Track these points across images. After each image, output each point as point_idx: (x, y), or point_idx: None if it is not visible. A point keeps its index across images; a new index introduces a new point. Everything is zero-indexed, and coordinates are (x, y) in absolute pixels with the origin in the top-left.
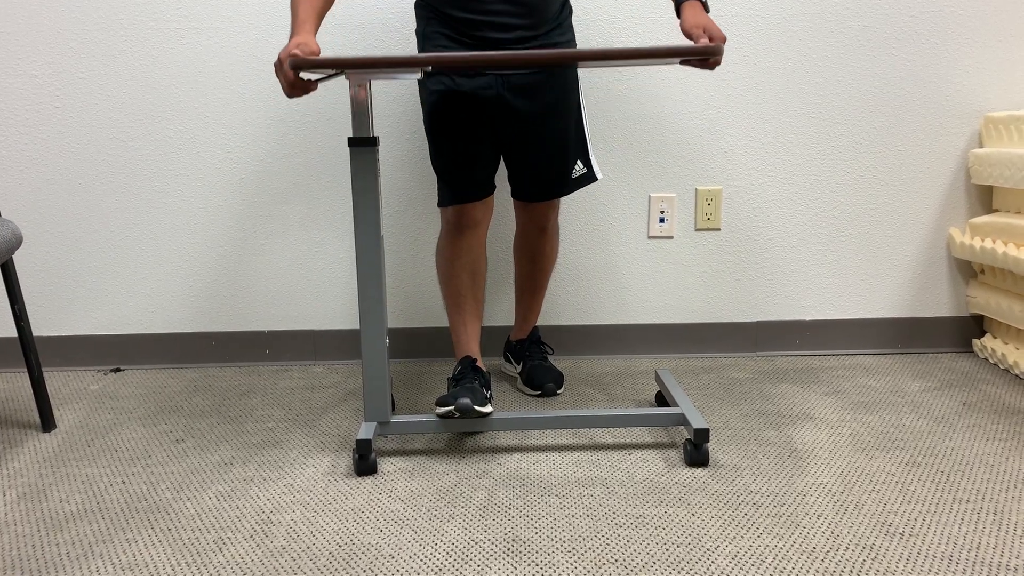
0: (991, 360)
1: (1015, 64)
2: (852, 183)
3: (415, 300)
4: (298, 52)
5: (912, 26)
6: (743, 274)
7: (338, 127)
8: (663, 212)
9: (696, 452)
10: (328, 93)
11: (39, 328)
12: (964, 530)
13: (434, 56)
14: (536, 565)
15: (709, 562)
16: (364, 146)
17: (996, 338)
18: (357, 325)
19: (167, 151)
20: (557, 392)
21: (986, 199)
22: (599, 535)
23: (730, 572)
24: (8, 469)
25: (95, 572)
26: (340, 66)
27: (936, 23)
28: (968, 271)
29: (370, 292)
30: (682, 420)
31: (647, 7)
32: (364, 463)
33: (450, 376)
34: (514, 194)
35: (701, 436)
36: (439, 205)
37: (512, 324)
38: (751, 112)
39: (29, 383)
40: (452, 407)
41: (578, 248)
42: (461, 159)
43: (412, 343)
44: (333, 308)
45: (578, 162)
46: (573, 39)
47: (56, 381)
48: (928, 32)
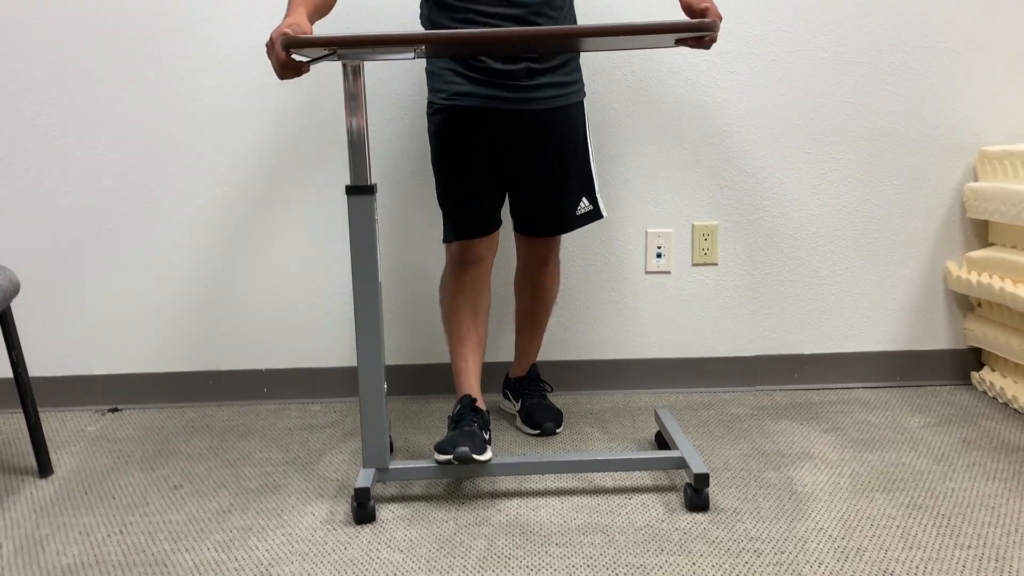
0: (990, 393)
1: (1008, 98)
2: (848, 217)
3: (414, 336)
4: (289, 31)
5: (905, 62)
6: (741, 308)
7: (337, 169)
8: (660, 247)
9: (696, 497)
10: (328, 134)
11: (37, 369)
12: None
13: (431, 33)
14: None
15: None
16: (362, 194)
17: (995, 371)
18: (355, 362)
19: (163, 192)
20: (556, 431)
21: (982, 232)
22: None
23: None
24: (5, 519)
25: None
26: (332, 44)
27: (929, 59)
28: (966, 303)
29: (368, 341)
30: (682, 464)
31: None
32: (363, 511)
33: (450, 415)
34: (517, 228)
35: (701, 481)
36: (444, 240)
37: (512, 360)
38: (746, 147)
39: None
40: (451, 456)
41: (576, 283)
42: (467, 195)
43: (411, 380)
44: (331, 345)
45: (583, 199)
46: (581, 80)
47: (54, 422)
48: (921, 67)
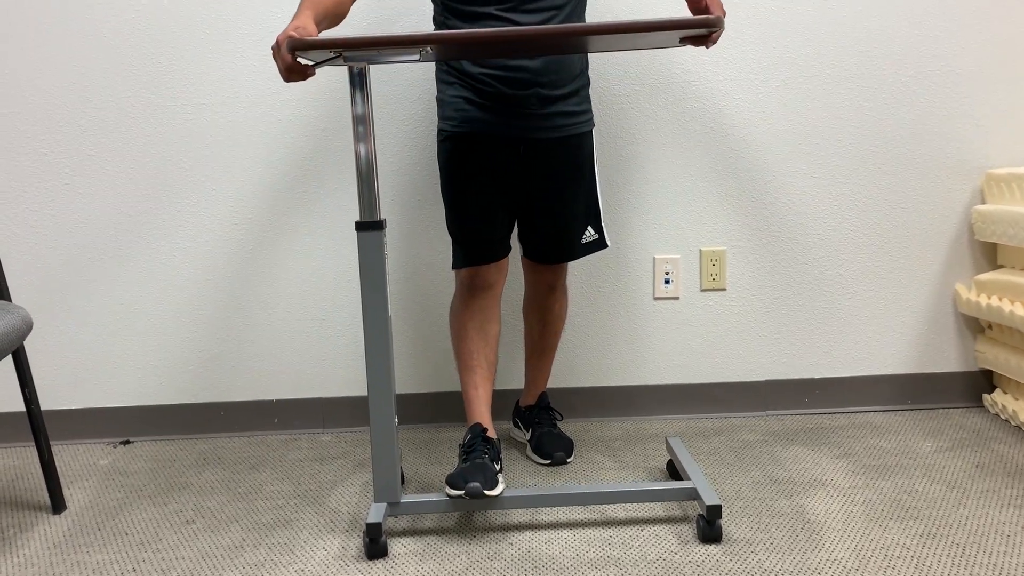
0: (1002, 416)
1: (1015, 121)
2: (856, 240)
3: (424, 363)
4: (295, 34)
5: (910, 86)
6: (750, 333)
7: (345, 197)
8: (668, 273)
9: (709, 529)
10: (336, 163)
11: (49, 402)
12: None
13: (437, 33)
14: None
15: None
16: (371, 230)
17: (1006, 393)
18: (365, 391)
19: (173, 225)
20: (567, 461)
21: (991, 254)
22: None
23: None
24: (19, 557)
25: None
26: (337, 46)
27: (934, 83)
28: (976, 326)
29: (379, 376)
30: (694, 495)
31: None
32: (375, 547)
33: (460, 443)
34: (525, 254)
35: (714, 512)
36: (453, 267)
37: (522, 387)
38: (753, 173)
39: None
40: (463, 491)
41: (585, 310)
42: (476, 221)
43: (421, 408)
44: (340, 375)
45: (589, 228)
46: (590, 110)
47: (66, 455)
48: (926, 91)
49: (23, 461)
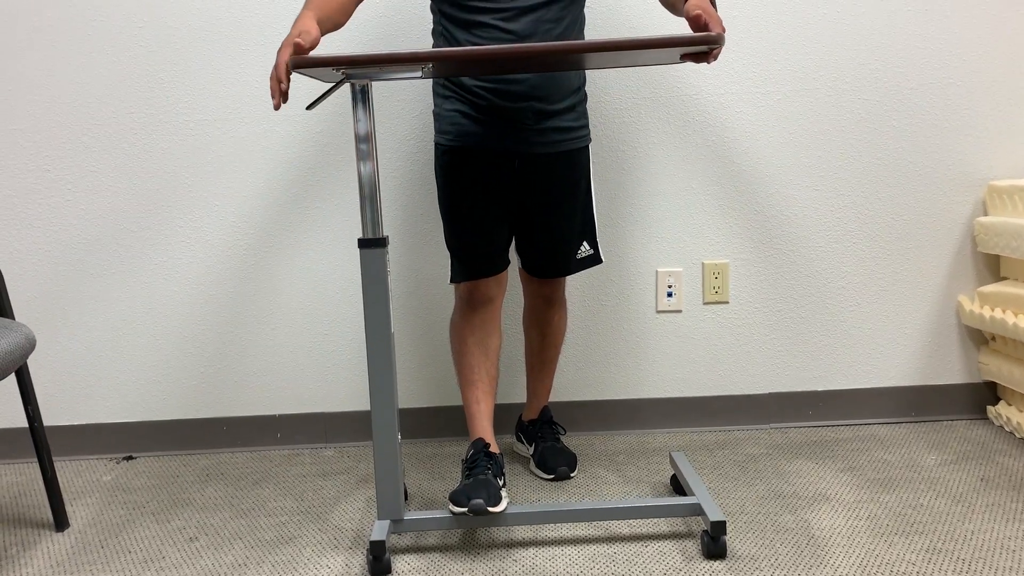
0: (1007, 428)
1: (1016, 132)
2: (858, 252)
3: (426, 379)
4: (300, 40)
5: (912, 98)
6: (753, 346)
7: (347, 213)
8: (671, 286)
9: (714, 545)
10: (338, 179)
11: (52, 418)
12: None
13: (439, 51)
14: None
15: None
16: (374, 247)
17: (1011, 405)
18: (367, 406)
19: (176, 240)
20: (570, 475)
21: (993, 266)
22: None
23: None
24: (23, 575)
25: None
26: (339, 64)
27: (936, 94)
28: (979, 337)
29: (382, 394)
30: (698, 511)
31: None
32: (378, 564)
33: (463, 458)
34: (523, 266)
35: (718, 529)
36: (452, 281)
37: (524, 402)
38: (755, 185)
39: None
40: (466, 508)
41: (587, 324)
42: (473, 235)
43: (424, 423)
44: (342, 389)
45: (584, 243)
46: (587, 126)
47: (69, 472)
48: (928, 103)
49: (26, 478)
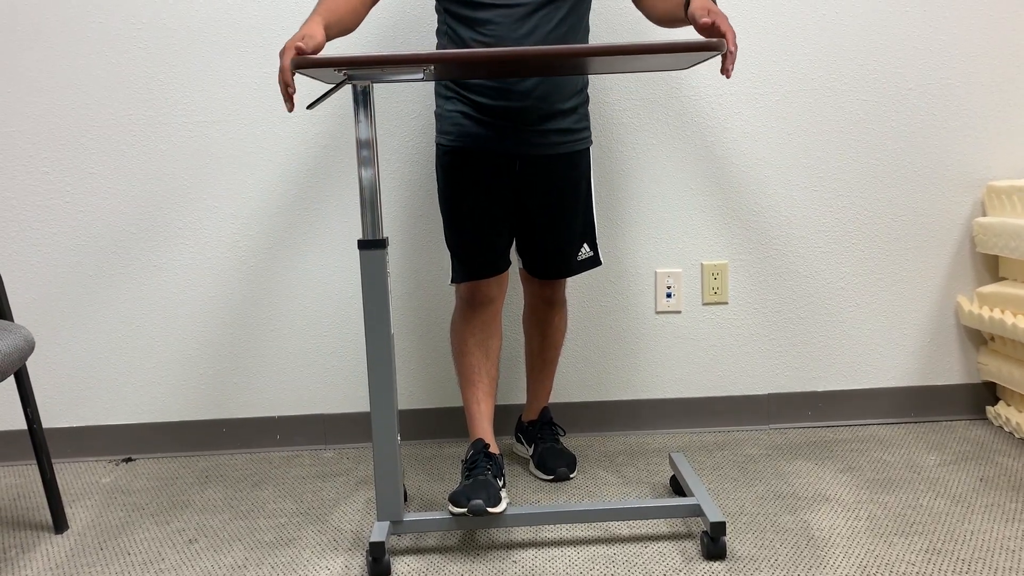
0: (1006, 428)
1: (1015, 132)
2: (857, 253)
3: (426, 380)
4: (302, 44)
5: (910, 98)
6: (752, 347)
7: (347, 215)
8: (670, 287)
9: (713, 546)
10: (338, 181)
11: (51, 420)
12: None
13: (440, 53)
14: None
15: None
16: (374, 248)
17: (1010, 406)
18: (367, 407)
19: (174, 242)
20: (570, 476)
21: (992, 266)
22: None
23: None
24: None
25: None
26: (341, 65)
27: (934, 95)
28: (978, 338)
29: (381, 396)
30: (698, 511)
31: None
32: (378, 566)
33: (463, 459)
34: (523, 267)
35: (718, 529)
36: (452, 282)
37: (524, 403)
38: (754, 186)
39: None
40: (465, 509)
41: (586, 324)
42: (474, 236)
43: (424, 424)
44: (342, 391)
45: (584, 245)
46: (588, 128)
47: (68, 474)
48: (927, 104)
49: (25, 480)
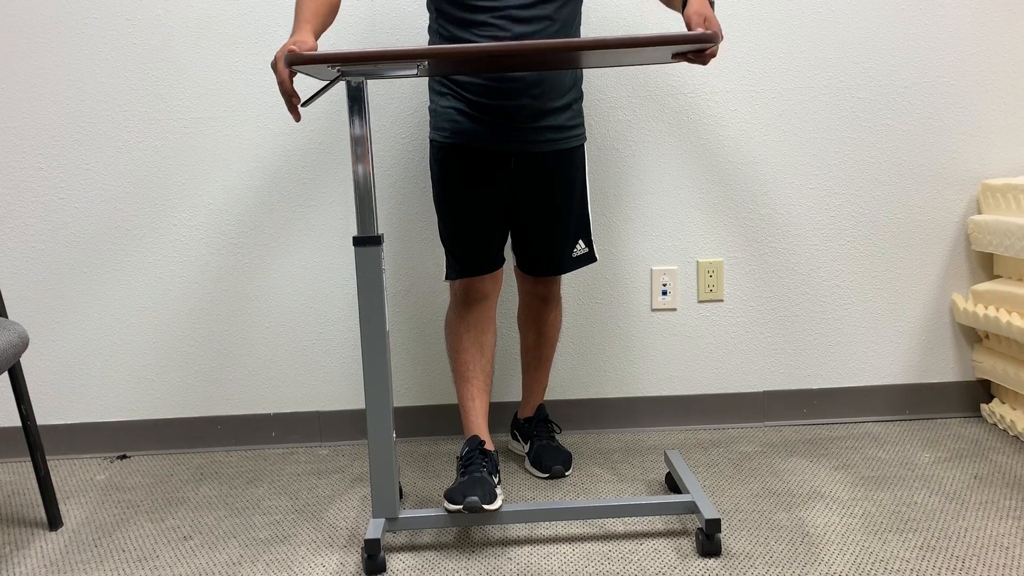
0: (1000, 426)
1: (1010, 131)
2: (853, 251)
3: (421, 377)
4: (295, 48)
5: (905, 97)
6: (748, 344)
7: (342, 212)
8: (665, 285)
9: (708, 542)
10: (332, 178)
11: (45, 417)
12: None
13: (434, 48)
14: None
15: None
16: (369, 244)
17: (1004, 403)
18: (362, 405)
19: (170, 238)
20: (565, 474)
21: (987, 264)
22: None
23: None
24: (15, 575)
25: None
26: (335, 61)
27: (929, 93)
28: (973, 335)
29: (377, 393)
30: (693, 508)
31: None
32: (373, 563)
33: (458, 456)
34: (518, 264)
35: (713, 526)
36: (446, 279)
37: (519, 400)
38: (749, 184)
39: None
40: (461, 505)
41: (582, 322)
42: (468, 233)
43: (419, 421)
44: (337, 387)
45: (580, 242)
46: (583, 125)
47: (63, 470)
48: (922, 102)
49: (19, 477)
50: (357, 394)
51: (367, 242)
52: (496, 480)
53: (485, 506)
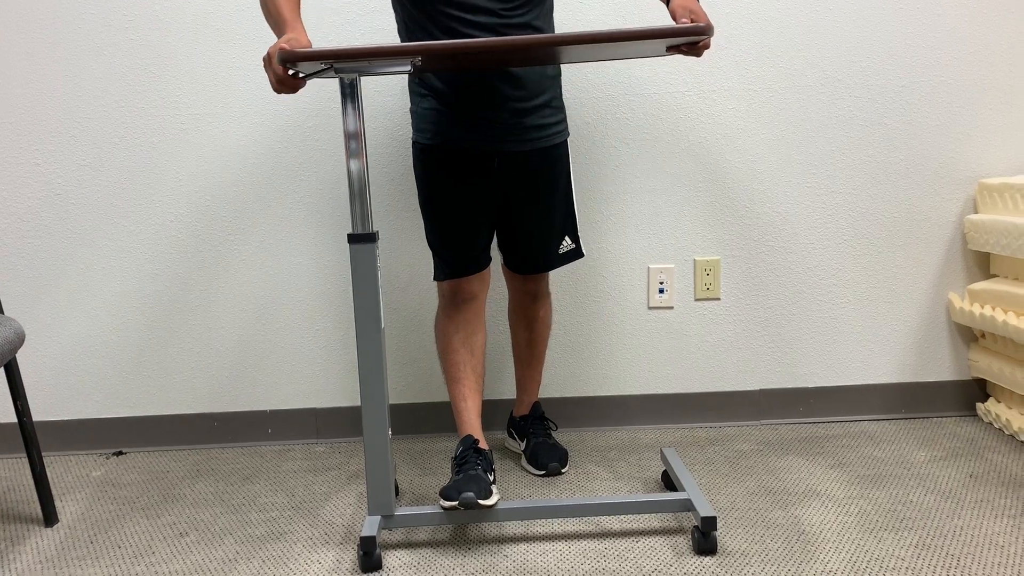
0: (996, 424)
1: (1007, 130)
2: (849, 249)
3: (417, 375)
4: (287, 46)
5: (902, 95)
6: (744, 343)
7: (337, 211)
8: (662, 283)
9: (704, 540)
10: (324, 175)
11: (41, 414)
12: None
13: (424, 44)
14: None
15: None
16: (364, 242)
17: (1000, 402)
18: (359, 402)
19: (166, 235)
20: (561, 471)
21: (983, 263)
22: None
23: None
24: (11, 571)
25: None
26: (329, 58)
27: (926, 92)
28: (969, 335)
29: (372, 390)
30: (689, 506)
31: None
32: (369, 560)
33: (453, 456)
34: (505, 262)
35: (708, 524)
36: (435, 279)
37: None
38: (746, 182)
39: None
40: (456, 502)
41: (579, 320)
42: (454, 233)
43: (415, 419)
44: (334, 385)
45: (566, 238)
46: (564, 120)
47: (58, 467)
48: (919, 101)
49: (15, 473)
50: (353, 391)
51: (362, 239)
52: (491, 478)
53: (481, 502)
